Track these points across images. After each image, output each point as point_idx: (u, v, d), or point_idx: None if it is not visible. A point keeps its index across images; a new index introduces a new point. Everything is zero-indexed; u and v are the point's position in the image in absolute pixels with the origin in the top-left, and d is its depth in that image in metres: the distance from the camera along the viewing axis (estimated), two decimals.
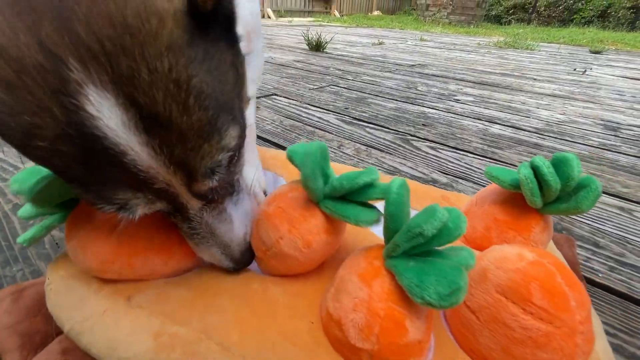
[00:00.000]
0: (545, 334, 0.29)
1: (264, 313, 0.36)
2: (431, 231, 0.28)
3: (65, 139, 0.23)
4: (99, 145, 0.23)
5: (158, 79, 0.23)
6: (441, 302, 0.26)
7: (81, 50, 0.21)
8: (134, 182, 0.27)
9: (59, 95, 0.22)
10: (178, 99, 0.24)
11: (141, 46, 0.22)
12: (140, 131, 0.24)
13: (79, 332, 0.37)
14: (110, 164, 0.25)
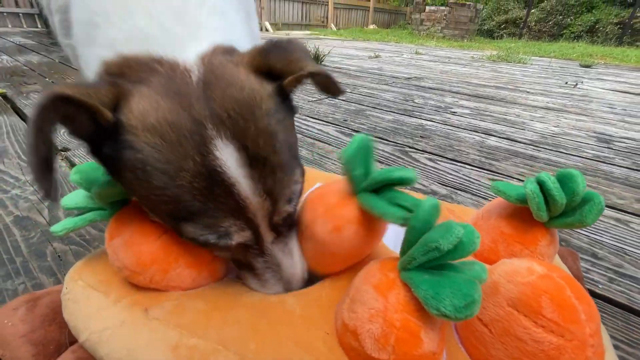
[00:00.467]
0: (556, 347, 0.29)
1: (281, 323, 0.37)
2: (447, 246, 0.29)
3: (199, 176, 0.32)
4: (218, 179, 0.32)
5: (259, 132, 0.34)
6: (457, 314, 0.27)
7: (215, 118, 0.32)
8: (235, 211, 0.34)
9: (199, 147, 0.31)
10: (270, 144, 0.35)
11: (250, 113, 0.34)
12: (246, 167, 0.33)
13: (96, 342, 0.37)
14: (223, 194, 0.33)
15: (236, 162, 0.32)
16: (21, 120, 1.46)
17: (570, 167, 1.23)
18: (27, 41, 4.34)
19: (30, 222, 0.78)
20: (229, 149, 0.32)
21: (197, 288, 0.43)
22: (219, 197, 0.33)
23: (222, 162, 0.32)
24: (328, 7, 11.40)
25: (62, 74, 2.43)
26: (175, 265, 0.41)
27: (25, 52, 3.39)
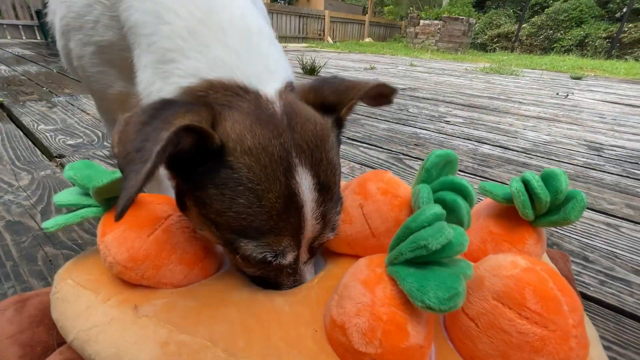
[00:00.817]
0: (540, 337, 0.30)
1: (269, 321, 0.37)
2: (436, 246, 0.30)
3: (281, 197, 0.36)
4: (294, 201, 0.36)
5: (328, 162, 0.40)
6: (440, 305, 0.28)
7: (298, 148, 0.37)
8: (294, 231, 0.38)
9: (286, 172, 0.36)
10: (333, 175, 0.41)
11: (323, 146, 0.39)
12: (315, 192, 0.38)
13: (84, 340, 0.37)
14: (293, 215, 0.37)
15: (309, 186, 0.37)
16: (17, 128, 1.46)
17: None
18: (25, 52, 4.37)
19: (22, 227, 0.78)
20: (307, 174, 0.37)
21: (188, 285, 0.43)
22: (290, 217, 0.37)
23: (300, 187, 0.37)
24: (325, 20, 11.63)
25: (60, 83, 2.45)
26: (168, 261, 0.41)
27: (23, 63, 3.41)
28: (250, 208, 0.35)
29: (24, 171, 1.05)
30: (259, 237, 0.37)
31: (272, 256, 0.38)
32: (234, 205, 0.36)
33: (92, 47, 0.53)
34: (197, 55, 0.40)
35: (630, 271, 0.72)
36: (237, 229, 0.37)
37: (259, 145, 0.35)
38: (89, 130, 1.48)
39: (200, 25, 0.41)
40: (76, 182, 0.44)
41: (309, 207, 0.38)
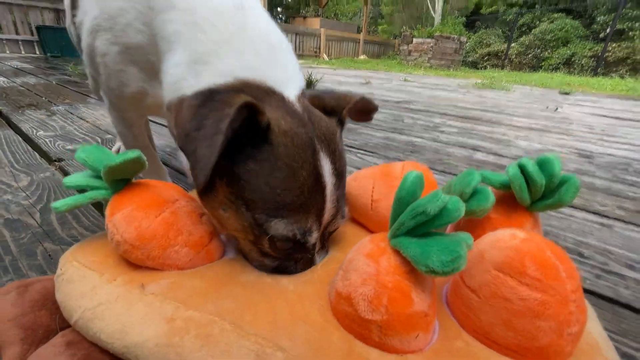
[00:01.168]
0: (541, 302, 0.31)
1: (276, 298, 0.38)
2: (434, 210, 0.31)
3: (310, 176, 0.41)
4: (319, 181, 0.42)
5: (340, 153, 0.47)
6: (444, 268, 0.29)
7: (318, 138, 0.43)
8: (318, 211, 0.43)
9: (313, 154, 0.42)
10: (343, 164, 0.47)
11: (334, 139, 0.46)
12: (333, 176, 0.43)
13: (89, 319, 0.37)
14: (318, 194, 0.42)
15: (329, 171, 0.43)
16: (16, 134, 1.47)
17: None
18: (24, 65, 4.41)
19: (21, 224, 0.77)
20: (327, 160, 0.43)
21: (193, 268, 0.43)
22: (317, 196, 0.42)
23: (323, 169, 0.42)
24: (320, 38, 11.93)
25: (59, 94, 2.46)
26: (174, 242, 0.41)
27: (22, 75, 3.43)
28: (285, 182, 0.40)
29: (23, 173, 1.05)
30: (290, 215, 0.40)
31: (300, 234, 0.41)
32: (271, 180, 0.40)
33: (118, 47, 0.57)
34: (232, 59, 0.46)
35: (624, 266, 0.73)
36: (270, 207, 0.40)
37: (292, 129, 0.41)
38: (88, 137, 1.49)
39: (234, 36, 0.47)
40: (87, 163, 0.45)
41: (329, 190, 0.43)
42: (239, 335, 0.33)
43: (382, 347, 0.32)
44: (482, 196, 0.45)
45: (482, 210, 0.45)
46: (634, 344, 0.52)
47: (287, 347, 0.32)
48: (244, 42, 0.47)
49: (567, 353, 0.31)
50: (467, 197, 0.46)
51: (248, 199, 0.41)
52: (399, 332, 0.31)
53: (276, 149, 0.40)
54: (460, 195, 0.46)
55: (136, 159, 0.43)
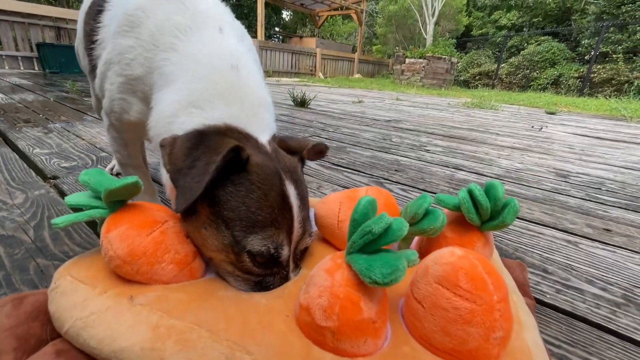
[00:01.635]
0: (470, 311, 0.36)
1: (248, 310, 0.42)
2: (378, 230, 0.37)
3: (278, 197, 0.49)
4: (286, 202, 0.49)
5: (301, 182, 0.55)
6: (384, 279, 0.34)
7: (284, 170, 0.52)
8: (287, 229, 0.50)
9: (280, 181, 0.50)
10: (305, 192, 0.55)
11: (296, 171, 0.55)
12: (297, 199, 0.51)
13: (80, 327, 0.41)
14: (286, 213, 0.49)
15: (294, 194, 0.51)
16: (12, 151, 1.51)
17: (530, 197, 1.34)
18: (23, 81, 4.48)
19: (15, 241, 0.81)
20: (292, 186, 0.51)
21: (177, 283, 0.48)
22: (284, 215, 0.49)
23: (289, 193, 0.50)
24: (316, 57, 12.24)
25: (56, 111, 2.52)
26: (162, 259, 0.46)
27: (20, 91, 3.50)
28: (258, 202, 0.47)
29: (19, 190, 1.09)
30: (264, 230, 0.47)
31: (274, 248, 0.48)
32: (246, 200, 0.47)
33: (123, 78, 0.67)
34: (221, 110, 0.55)
35: (584, 281, 0.78)
36: (246, 224, 0.47)
37: (262, 162, 0.50)
38: (83, 154, 1.54)
39: (227, 91, 0.57)
40: (89, 185, 0.50)
41: (295, 210, 0.50)
42: (213, 341, 0.38)
43: (335, 352, 0.37)
44: (433, 217, 0.51)
45: (432, 229, 0.50)
46: (582, 354, 0.57)
47: (254, 351, 0.37)
48: (233, 97, 0.57)
49: (493, 355, 0.36)
50: (419, 218, 0.52)
51: (227, 218, 0.47)
52: (349, 337, 0.36)
53: (251, 175, 0.48)
54: (413, 216, 0.52)
55: (134, 184, 0.48)
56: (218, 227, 0.48)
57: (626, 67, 10.23)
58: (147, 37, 0.62)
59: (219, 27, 0.64)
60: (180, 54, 0.60)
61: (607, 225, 1.10)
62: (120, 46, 0.65)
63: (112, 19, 0.73)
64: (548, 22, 15.06)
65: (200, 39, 0.61)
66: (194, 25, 0.62)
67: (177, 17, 0.62)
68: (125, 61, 0.65)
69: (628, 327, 0.64)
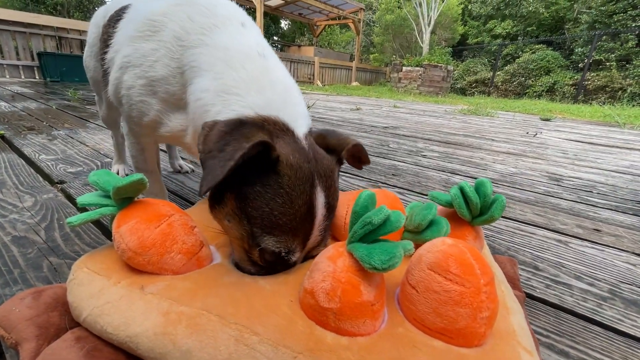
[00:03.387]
0: (459, 293, 0.40)
1: (253, 295, 0.46)
2: (378, 221, 0.41)
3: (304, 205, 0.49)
4: (311, 212, 0.50)
5: (334, 190, 0.55)
6: (383, 265, 0.38)
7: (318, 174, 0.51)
8: (304, 236, 0.51)
9: (311, 188, 0.50)
10: (336, 200, 0.55)
11: (332, 176, 0.55)
12: (325, 210, 0.51)
13: (97, 315, 0.44)
14: (307, 222, 0.50)
15: (322, 204, 0.51)
16: (19, 157, 1.55)
17: (523, 200, 1.38)
18: (24, 90, 4.53)
19: (28, 241, 0.84)
20: (322, 195, 0.51)
21: (185, 273, 0.51)
22: (306, 223, 0.50)
23: (317, 202, 0.50)
24: (314, 66, 12.39)
25: (59, 119, 2.56)
26: (170, 249, 0.49)
27: (22, 100, 3.54)
28: (283, 207, 0.48)
29: (28, 194, 1.13)
30: (280, 234, 0.49)
31: (285, 252, 0.49)
32: (271, 202, 0.48)
33: (144, 80, 0.68)
34: (255, 95, 0.56)
35: (572, 277, 0.82)
36: (266, 224, 0.48)
37: (297, 164, 0.50)
38: (88, 160, 1.57)
39: (259, 77, 0.58)
40: (98, 184, 0.53)
41: (318, 221, 0.51)
42: (222, 324, 0.41)
43: (337, 331, 0.40)
44: (437, 228, 0.55)
45: None
46: (569, 342, 0.61)
47: (260, 332, 0.40)
48: (265, 83, 0.58)
49: (481, 334, 0.40)
50: (424, 228, 0.56)
51: (250, 215, 0.49)
52: (350, 318, 0.40)
53: (281, 178, 0.48)
54: (417, 226, 0.56)
55: (140, 181, 0.52)
56: (241, 221, 0.50)
57: (619, 74, 10.41)
58: (171, 38, 0.64)
59: (241, 23, 0.67)
60: (211, 46, 0.62)
61: (597, 226, 1.14)
62: (142, 50, 0.67)
63: (129, 22, 0.75)
64: (542, 31, 15.34)
65: (227, 33, 0.64)
66: (218, 23, 0.65)
67: (200, 18, 0.65)
68: (147, 63, 0.66)
69: (613, 319, 0.67)
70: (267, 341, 0.39)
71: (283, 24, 25.31)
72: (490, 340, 0.42)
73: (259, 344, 0.39)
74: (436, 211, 0.57)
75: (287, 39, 24.24)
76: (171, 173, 1.47)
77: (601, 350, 0.59)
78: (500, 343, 0.42)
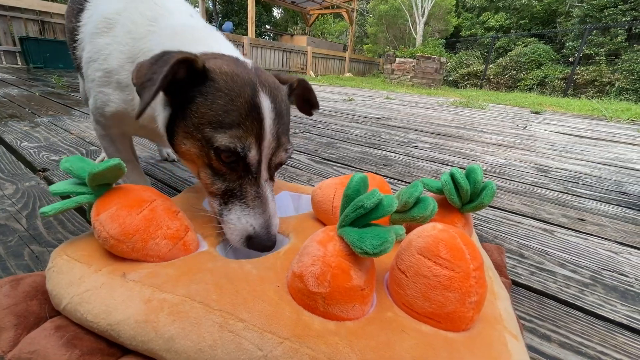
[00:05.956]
0: (448, 277, 0.39)
1: (239, 281, 0.45)
2: (370, 205, 0.40)
3: (246, 104, 0.53)
4: (256, 112, 0.54)
5: (282, 101, 0.60)
6: (374, 250, 0.37)
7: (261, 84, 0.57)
8: (257, 135, 0.54)
9: (252, 91, 0.54)
10: (285, 110, 0.60)
11: (278, 91, 0.61)
12: (272, 112, 0.55)
13: (77, 303, 0.43)
14: (255, 121, 0.54)
15: (268, 108, 0.55)
16: (0, 144, 1.49)
17: (511, 190, 1.40)
18: (6, 76, 4.37)
19: (8, 229, 0.82)
20: (267, 99, 0.55)
21: (173, 259, 0.50)
22: (253, 121, 0.53)
23: (262, 104, 0.54)
24: (307, 56, 12.23)
25: (42, 105, 2.48)
26: (155, 235, 0.48)
27: (3, 86, 3.42)
28: (225, 106, 0.52)
29: (9, 182, 1.09)
30: (231, 128, 0.52)
31: (240, 147, 0.52)
32: (213, 106, 0.53)
33: (101, 72, 0.73)
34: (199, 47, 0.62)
35: (556, 264, 0.83)
36: (214, 124, 0.52)
37: (233, 71, 0.55)
38: (73, 148, 1.53)
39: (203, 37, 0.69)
40: (72, 172, 0.51)
41: (267, 122, 0.54)
42: (206, 311, 0.40)
43: (325, 316, 0.40)
44: (423, 205, 0.54)
45: (422, 217, 0.53)
46: (551, 326, 0.62)
47: (246, 318, 0.39)
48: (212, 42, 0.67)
49: (469, 318, 0.40)
50: (410, 206, 0.55)
51: (198, 124, 0.54)
52: (339, 302, 0.39)
53: (217, 83, 0.54)
54: (405, 204, 0.55)
55: (117, 166, 0.49)
56: (192, 135, 0.54)
57: (608, 69, 10.56)
58: (123, 33, 0.70)
59: (189, 14, 0.76)
60: (158, 33, 0.68)
61: (582, 216, 1.16)
62: (98, 45, 0.73)
63: (90, 18, 0.80)
64: (534, 25, 15.41)
65: (174, 20, 0.71)
66: (166, 13, 0.71)
67: (149, 12, 0.71)
68: (102, 57, 0.72)
69: (593, 304, 0.69)
70: (252, 327, 0.38)
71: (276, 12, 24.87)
72: (477, 325, 0.42)
73: (244, 330, 0.38)
74: (422, 189, 0.56)
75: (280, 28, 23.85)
76: (159, 161, 1.44)
77: (582, 334, 0.60)
78: (487, 327, 0.42)
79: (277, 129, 0.56)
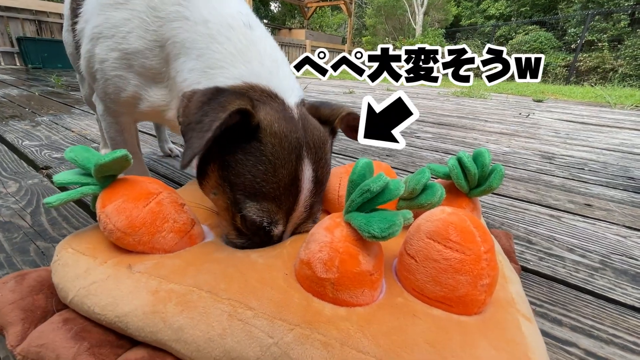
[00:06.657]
0: (459, 260, 0.39)
1: (246, 270, 0.44)
2: (376, 189, 0.39)
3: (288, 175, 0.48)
4: (295, 184, 0.49)
5: (325, 163, 0.53)
6: (382, 233, 0.36)
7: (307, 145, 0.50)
8: (287, 210, 0.49)
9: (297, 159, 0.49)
10: (326, 174, 0.54)
11: (323, 149, 0.53)
12: (311, 183, 0.50)
13: (84, 295, 0.43)
14: (291, 195, 0.49)
15: (309, 177, 0.49)
16: (1, 143, 1.49)
17: (516, 177, 1.38)
18: (5, 77, 4.36)
19: (13, 226, 0.81)
20: (309, 167, 0.50)
21: (174, 252, 0.49)
22: (289, 196, 0.49)
23: (303, 175, 0.49)
24: (306, 49, 12.13)
25: (42, 105, 2.48)
26: (161, 229, 0.47)
27: (3, 87, 3.41)
28: (265, 175, 0.47)
29: (12, 180, 1.09)
30: (263, 201, 0.48)
31: (267, 222, 0.49)
32: (253, 170, 0.47)
33: (118, 52, 0.63)
34: (241, 67, 0.54)
35: (564, 250, 0.82)
36: (248, 191, 0.48)
37: (282, 132, 0.48)
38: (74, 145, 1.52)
39: (245, 49, 0.55)
40: (77, 162, 0.50)
41: (304, 194, 0.49)
42: (214, 300, 0.40)
43: (335, 302, 0.39)
44: (431, 192, 0.53)
45: (430, 204, 0.53)
46: (561, 311, 0.61)
47: (255, 306, 0.39)
48: (252, 54, 0.55)
49: (481, 301, 0.39)
50: (417, 193, 0.54)
51: (233, 182, 0.49)
52: (348, 288, 0.39)
53: (264, 146, 0.48)
54: (412, 191, 0.54)
55: (124, 157, 0.49)
56: (224, 190, 0.50)
57: (611, 55, 10.43)
58: (145, 8, 0.60)
59: None
60: (190, 20, 0.58)
61: (588, 201, 1.15)
62: (113, 19, 0.62)
63: None
64: (535, 12, 15.19)
65: (207, 3, 0.59)
66: None
67: None
68: (120, 34, 0.62)
69: (604, 287, 0.68)
70: (262, 315, 0.38)
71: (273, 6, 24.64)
72: (489, 308, 0.41)
73: (254, 318, 0.38)
74: (429, 176, 0.56)
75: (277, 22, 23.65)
76: (161, 157, 1.44)
77: (593, 318, 0.60)
78: (499, 310, 0.41)
79: (311, 200, 0.51)
